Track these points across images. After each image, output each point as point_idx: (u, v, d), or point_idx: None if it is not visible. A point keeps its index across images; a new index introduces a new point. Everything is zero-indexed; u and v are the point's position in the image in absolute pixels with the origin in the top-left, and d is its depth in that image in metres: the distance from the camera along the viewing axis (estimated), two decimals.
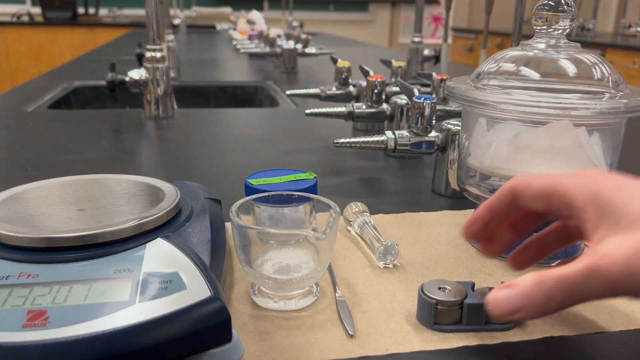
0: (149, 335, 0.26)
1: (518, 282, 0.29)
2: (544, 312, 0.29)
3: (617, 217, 0.28)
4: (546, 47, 0.44)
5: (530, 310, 0.29)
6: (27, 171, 0.68)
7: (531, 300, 0.29)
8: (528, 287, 0.29)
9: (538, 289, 0.28)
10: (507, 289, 0.29)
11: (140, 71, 0.97)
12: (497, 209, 0.35)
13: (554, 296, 0.28)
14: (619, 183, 0.29)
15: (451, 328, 0.35)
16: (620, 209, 0.28)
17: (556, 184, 0.32)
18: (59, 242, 0.32)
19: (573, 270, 0.28)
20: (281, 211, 0.43)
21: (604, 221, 0.29)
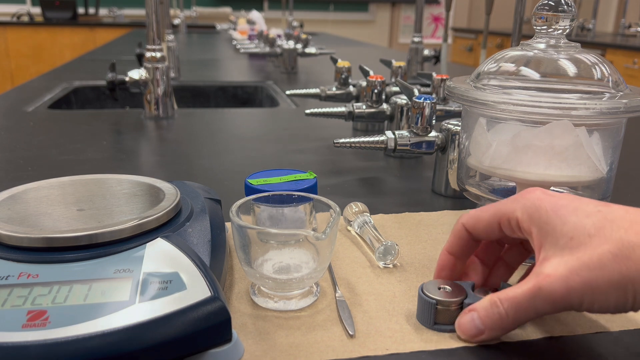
0: (149, 335, 0.26)
1: (477, 307, 0.33)
2: (501, 330, 0.32)
3: (556, 237, 0.31)
4: (546, 47, 0.44)
5: (490, 330, 0.32)
6: (27, 171, 0.68)
7: (489, 322, 0.32)
8: (486, 310, 0.32)
9: (494, 310, 0.32)
10: (470, 313, 0.33)
11: (140, 71, 0.97)
12: (457, 249, 0.37)
13: (507, 316, 0.31)
14: (557, 203, 0.32)
15: (451, 328, 0.35)
16: (558, 230, 0.31)
17: (502, 210, 0.34)
18: (59, 242, 0.32)
19: (521, 291, 0.31)
20: (281, 211, 0.43)
21: (546, 241, 0.31)
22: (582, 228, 0.30)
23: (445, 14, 1.36)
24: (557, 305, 0.30)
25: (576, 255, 0.29)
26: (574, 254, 0.29)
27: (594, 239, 0.29)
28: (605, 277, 0.28)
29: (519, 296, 0.31)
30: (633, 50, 2.90)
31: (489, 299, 0.32)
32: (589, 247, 0.29)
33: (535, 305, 0.30)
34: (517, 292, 0.31)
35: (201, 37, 3.04)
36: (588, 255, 0.29)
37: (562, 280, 0.29)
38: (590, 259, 0.29)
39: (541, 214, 0.32)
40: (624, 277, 0.28)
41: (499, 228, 0.35)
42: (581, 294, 0.29)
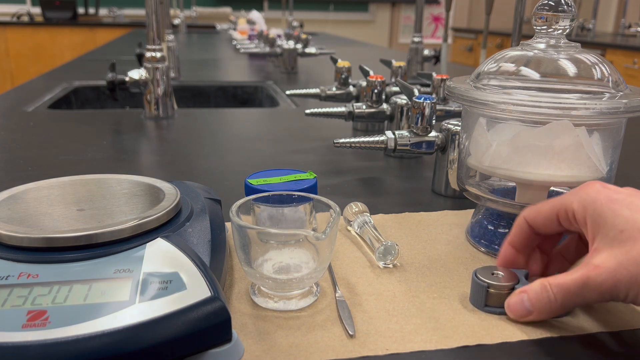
0: (149, 335, 0.26)
1: (528, 289, 0.35)
2: (549, 314, 0.34)
3: (607, 230, 0.32)
4: (546, 47, 0.44)
5: (539, 312, 0.34)
6: (27, 171, 0.68)
7: (538, 304, 0.34)
8: (536, 293, 0.34)
9: (544, 294, 0.34)
10: (520, 295, 0.35)
11: (140, 71, 0.97)
12: (518, 241, 0.38)
13: (556, 300, 0.33)
14: (612, 196, 0.33)
15: (500, 311, 0.37)
16: (609, 221, 0.32)
17: (560, 203, 0.35)
18: (59, 242, 0.32)
19: (571, 279, 0.33)
20: (281, 211, 0.43)
21: (598, 233, 0.33)
22: (633, 222, 0.31)
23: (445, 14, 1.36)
24: (604, 296, 0.31)
25: (625, 249, 0.30)
26: (623, 247, 0.31)
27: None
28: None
29: (568, 283, 0.32)
30: (633, 50, 2.90)
31: (540, 282, 0.34)
32: (638, 241, 0.30)
33: (583, 293, 0.32)
34: (566, 279, 0.33)
35: (201, 37, 3.04)
36: (636, 250, 0.30)
37: (609, 273, 0.31)
38: (638, 254, 0.30)
39: (596, 206, 0.33)
40: None
41: (558, 220, 0.36)
42: (627, 287, 0.30)
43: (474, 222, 0.49)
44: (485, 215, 0.48)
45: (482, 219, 0.48)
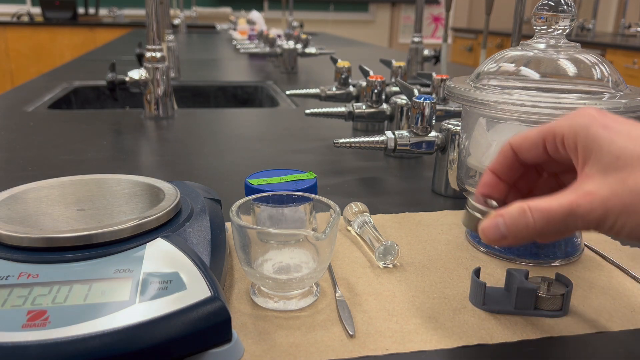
0: (149, 335, 0.26)
1: (505, 212, 0.31)
2: (526, 239, 0.31)
3: (601, 155, 0.29)
4: (546, 47, 0.44)
5: (514, 237, 0.31)
6: (27, 171, 0.68)
7: (514, 229, 0.31)
8: (513, 217, 0.31)
9: (522, 219, 0.30)
10: (495, 219, 0.32)
11: (140, 71, 0.97)
12: (500, 168, 0.36)
13: (535, 226, 0.30)
14: (608, 121, 0.30)
15: (500, 309, 0.37)
16: (604, 147, 0.29)
17: (549, 127, 0.33)
18: (59, 242, 0.32)
19: (557, 204, 0.29)
20: (281, 211, 0.43)
21: (590, 158, 0.30)
22: (630, 149, 0.29)
23: (445, 14, 1.36)
24: (590, 225, 0.29)
25: (620, 176, 0.28)
26: (618, 174, 0.28)
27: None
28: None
29: (554, 209, 0.29)
30: (633, 50, 2.90)
31: (518, 205, 0.31)
32: (635, 170, 0.28)
33: (568, 221, 0.29)
34: (551, 204, 0.30)
35: (201, 37, 3.04)
36: (633, 178, 0.28)
37: (602, 201, 0.28)
38: (634, 183, 0.28)
39: (589, 131, 0.30)
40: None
41: (544, 147, 0.33)
42: (617, 216, 0.28)
43: None
44: None
45: None
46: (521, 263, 0.45)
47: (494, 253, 0.46)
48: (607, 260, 0.46)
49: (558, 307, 0.37)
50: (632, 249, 0.48)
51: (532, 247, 0.45)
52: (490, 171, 0.36)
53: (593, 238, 0.50)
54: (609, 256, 0.46)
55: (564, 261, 0.45)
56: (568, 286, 0.37)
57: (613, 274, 0.43)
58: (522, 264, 0.45)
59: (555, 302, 0.37)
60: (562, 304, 0.37)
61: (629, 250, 0.48)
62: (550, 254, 0.45)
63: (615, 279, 0.43)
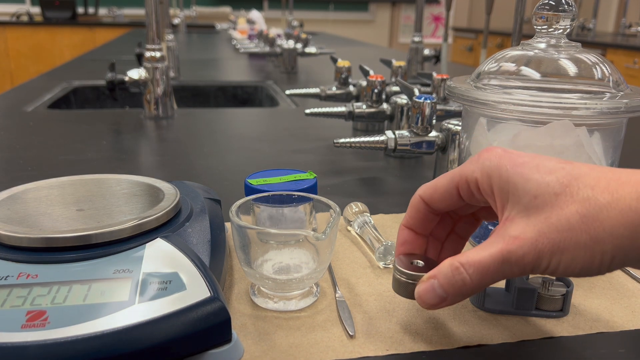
0: (148, 336, 0.26)
1: (437, 273, 0.31)
2: (464, 296, 0.31)
3: (518, 196, 0.29)
4: (547, 46, 0.44)
5: (453, 297, 0.30)
6: (26, 171, 0.68)
7: (452, 289, 0.30)
8: (447, 276, 0.30)
9: (457, 277, 0.30)
10: (429, 282, 0.31)
11: (139, 71, 0.97)
12: (415, 222, 0.35)
13: (472, 281, 0.30)
14: (516, 160, 0.30)
15: (500, 310, 0.37)
16: (520, 188, 0.29)
17: (459, 174, 0.32)
18: (58, 242, 0.32)
19: (488, 254, 0.29)
20: (281, 211, 0.43)
21: (508, 201, 0.29)
22: (546, 186, 0.28)
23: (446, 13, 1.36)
24: (526, 269, 0.28)
25: (543, 216, 0.28)
26: (540, 214, 0.28)
27: (560, 198, 0.27)
28: (573, 238, 0.27)
29: (486, 260, 0.29)
30: (633, 50, 2.90)
31: (449, 263, 0.30)
32: (555, 206, 0.27)
33: (503, 269, 0.29)
34: (483, 256, 0.29)
35: (201, 36, 3.04)
36: (555, 216, 0.27)
37: (531, 244, 0.28)
38: (558, 221, 0.27)
39: (501, 172, 0.30)
40: (592, 238, 0.26)
41: (458, 194, 0.33)
42: (550, 256, 0.27)
43: None
44: None
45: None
46: None
47: None
48: None
49: (559, 307, 0.37)
50: None
51: None
52: (405, 227, 0.36)
53: None
54: None
55: None
56: (569, 286, 0.37)
57: (614, 274, 0.43)
58: None
59: (555, 302, 0.37)
60: (562, 304, 0.37)
61: None
62: None
63: (616, 280, 0.42)
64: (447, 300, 0.31)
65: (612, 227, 0.26)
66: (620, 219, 0.26)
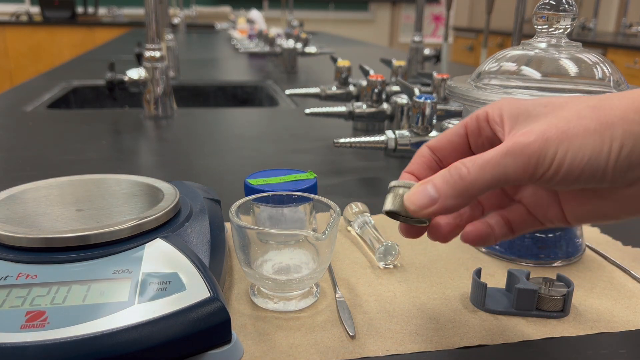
0: (148, 336, 0.26)
1: (434, 177, 0.29)
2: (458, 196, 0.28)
3: (528, 113, 0.28)
4: (547, 46, 0.44)
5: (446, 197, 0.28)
6: (25, 171, 0.68)
7: (445, 187, 0.28)
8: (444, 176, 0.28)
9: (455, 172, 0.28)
10: (424, 184, 0.29)
11: (139, 71, 0.97)
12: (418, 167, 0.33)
13: (469, 174, 0.28)
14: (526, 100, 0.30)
15: (501, 310, 0.37)
16: (530, 108, 0.29)
17: (468, 117, 0.31)
18: (57, 243, 0.32)
19: (490, 151, 0.28)
20: (281, 211, 0.43)
21: (518, 120, 0.29)
22: (555, 99, 0.29)
23: (446, 13, 1.36)
24: (530, 162, 0.27)
25: (553, 113, 0.28)
26: (550, 113, 0.28)
27: (569, 103, 0.28)
28: (583, 125, 0.26)
29: (488, 154, 0.27)
30: (634, 49, 2.90)
31: (449, 166, 0.29)
32: (565, 107, 0.28)
33: (505, 163, 0.27)
34: (486, 152, 0.28)
35: (201, 36, 3.04)
36: (566, 110, 0.27)
37: (539, 132, 0.27)
38: (568, 113, 0.27)
39: (512, 105, 0.30)
40: (602, 124, 0.26)
41: (465, 134, 0.31)
42: (557, 144, 0.26)
43: None
44: None
45: None
46: (522, 263, 0.45)
47: (495, 253, 0.46)
48: (608, 261, 0.46)
49: (559, 307, 0.37)
50: (634, 249, 0.48)
51: (533, 248, 0.45)
52: (406, 173, 0.33)
53: (594, 239, 0.49)
54: (610, 257, 0.46)
55: (565, 261, 0.45)
56: (569, 287, 0.37)
57: (614, 274, 0.43)
58: (523, 265, 0.45)
59: (556, 302, 0.37)
60: (563, 304, 0.37)
61: (630, 250, 0.47)
62: (551, 255, 0.45)
63: (617, 280, 0.42)
64: (439, 201, 0.28)
65: (623, 111, 0.26)
66: (631, 105, 0.26)
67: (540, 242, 0.45)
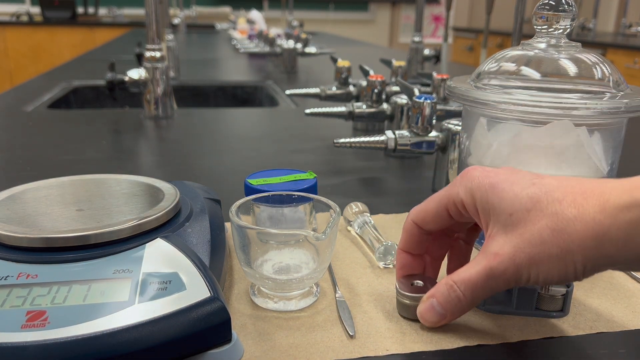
0: (148, 336, 0.26)
1: (435, 292, 0.34)
2: (461, 312, 0.34)
3: (497, 215, 0.32)
4: (547, 46, 0.44)
5: (452, 314, 0.34)
6: (26, 171, 0.68)
7: (449, 306, 0.33)
8: (444, 295, 0.33)
9: (452, 294, 0.33)
10: (429, 301, 0.34)
11: (139, 71, 0.97)
12: (411, 245, 0.38)
13: (465, 297, 0.33)
14: (493, 179, 0.33)
15: (500, 309, 0.37)
16: (497, 207, 0.32)
17: (447, 196, 0.35)
18: (58, 242, 0.32)
19: (475, 271, 0.32)
20: (281, 211, 0.43)
21: (490, 219, 0.32)
22: (518, 203, 0.31)
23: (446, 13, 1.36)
24: (510, 282, 0.31)
25: (518, 232, 0.30)
26: (515, 230, 0.31)
27: (531, 214, 0.30)
28: (546, 251, 0.29)
29: (474, 277, 0.32)
30: (634, 49, 2.90)
31: (445, 282, 0.33)
32: (528, 222, 0.30)
33: (490, 284, 0.32)
34: (471, 273, 0.32)
35: (201, 36, 3.04)
36: (529, 232, 0.30)
37: (510, 259, 0.30)
38: (531, 236, 0.30)
39: (481, 192, 0.32)
40: (562, 250, 0.29)
41: (448, 215, 0.35)
42: (528, 269, 0.30)
43: None
44: None
45: None
46: None
47: None
48: None
49: (559, 307, 0.37)
50: None
51: None
52: (403, 251, 0.38)
53: None
54: None
55: None
56: (569, 286, 0.37)
57: (614, 274, 0.43)
58: None
59: (556, 302, 0.37)
60: (563, 304, 0.37)
61: None
62: None
63: (617, 280, 0.42)
64: (447, 317, 0.34)
65: (580, 239, 0.28)
66: (585, 232, 0.28)
67: None
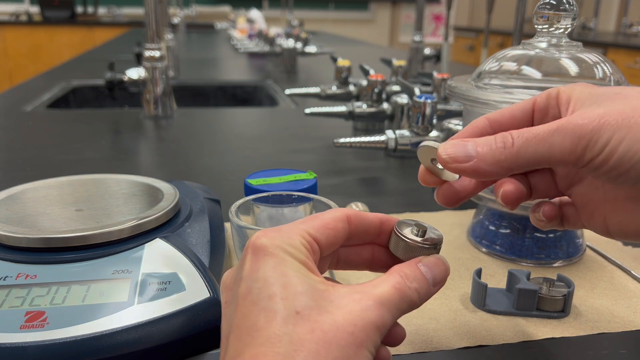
0: (147, 336, 0.26)
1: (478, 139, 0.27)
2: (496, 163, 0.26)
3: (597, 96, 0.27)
4: (548, 46, 0.44)
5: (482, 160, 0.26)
6: (25, 171, 0.68)
7: (484, 149, 0.26)
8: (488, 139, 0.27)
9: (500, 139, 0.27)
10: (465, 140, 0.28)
11: (139, 70, 0.97)
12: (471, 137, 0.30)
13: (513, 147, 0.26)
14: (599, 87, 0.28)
15: (501, 311, 0.37)
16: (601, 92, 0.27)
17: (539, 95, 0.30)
18: (57, 243, 0.31)
19: (542, 127, 0.26)
20: (281, 211, 0.42)
21: (585, 103, 0.27)
22: (630, 89, 0.26)
23: (446, 12, 1.36)
24: (579, 144, 0.25)
25: (621, 101, 0.25)
26: (618, 101, 0.25)
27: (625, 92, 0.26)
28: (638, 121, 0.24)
29: (536, 129, 0.26)
30: (635, 49, 2.90)
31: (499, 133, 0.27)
32: (630, 97, 0.26)
33: (553, 140, 0.25)
34: (535, 127, 0.26)
35: (200, 36, 3.04)
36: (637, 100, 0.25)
37: (597, 115, 0.25)
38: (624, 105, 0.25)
39: (584, 88, 0.28)
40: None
41: (531, 110, 0.29)
42: (613, 130, 0.24)
43: (475, 222, 0.49)
44: (487, 215, 0.48)
45: (483, 219, 0.48)
46: (523, 264, 0.45)
47: (495, 254, 0.46)
48: (609, 261, 0.45)
49: (560, 308, 0.37)
50: (634, 249, 0.48)
51: (533, 248, 0.45)
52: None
53: (595, 239, 0.49)
54: (611, 257, 0.46)
55: (566, 262, 0.45)
56: (570, 287, 0.37)
57: (615, 274, 0.43)
58: (524, 265, 0.44)
59: (557, 303, 0.37)
60: (563, 305, 0.37)
61: (631, 250, 0.47)
62: (552, 255, 0.45)
63: (617, 280, 0.42)
64: (473, 161, 0.26)
65: None
66: None
67: (541, 243, 0.45)
